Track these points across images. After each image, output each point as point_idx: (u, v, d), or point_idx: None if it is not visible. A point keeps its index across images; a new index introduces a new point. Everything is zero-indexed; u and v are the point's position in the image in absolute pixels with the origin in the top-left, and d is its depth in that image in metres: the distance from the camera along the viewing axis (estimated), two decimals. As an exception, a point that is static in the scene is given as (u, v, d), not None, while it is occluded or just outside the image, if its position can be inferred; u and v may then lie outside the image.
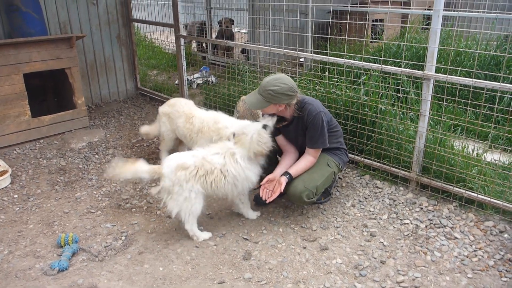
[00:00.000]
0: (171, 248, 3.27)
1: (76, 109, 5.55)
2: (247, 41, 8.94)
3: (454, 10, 8.09)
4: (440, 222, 3.49)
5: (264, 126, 3.36)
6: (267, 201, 3.42)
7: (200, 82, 7.74)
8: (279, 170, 3.54)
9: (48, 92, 6.08)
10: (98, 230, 3.55)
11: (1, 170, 4.42)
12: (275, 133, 3.66)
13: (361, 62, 4.12)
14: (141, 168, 3.26)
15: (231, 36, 9.29)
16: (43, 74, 5.47)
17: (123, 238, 3.44)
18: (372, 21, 8.37)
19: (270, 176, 3.47)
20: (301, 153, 3.66)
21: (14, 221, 3.73)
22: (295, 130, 3.59)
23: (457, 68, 4.08)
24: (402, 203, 3.80)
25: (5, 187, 4.28)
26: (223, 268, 3.04)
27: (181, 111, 4.33)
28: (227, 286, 2.86)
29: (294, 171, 3.46)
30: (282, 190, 3.39)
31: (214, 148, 3.40)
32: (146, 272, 3.00)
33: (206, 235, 3.39)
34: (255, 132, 3.31)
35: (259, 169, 3.46)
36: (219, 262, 3.10)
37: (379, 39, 7.77)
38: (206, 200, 3.37)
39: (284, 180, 3.40)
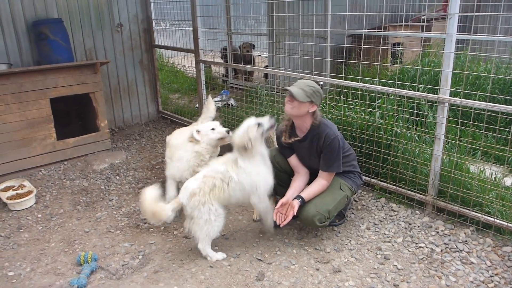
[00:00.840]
0: (186, 268, 3.33)
1: (99, 132, 5.75)
2: (267, 65, 9.11)
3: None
4: (456, 246, 3.46)
5: (258, 124, 3.41)
6: (281, 225, 3.48)
7: (220, 105, 7.89)
8: (291, 192, 3.60)
9: (72, 116, 6.32)
10: (116, 249, 3.65)
11: (27, 190, 4.60)
12: (288, 153, 3.74)
13: (375, 86, 4.18)
14: (168, 210, 3.32)
15: (251, 61, 9.48)
16: (68, 99, 5.70)
17: (140, 257, 3.52)
18: (392, 45, 8.44)
19: (283, 200, 3.53)
20: (312, 173, 3.71)
21: (38, 239, 3.86)
22: (308, 149, 3.63)
23: (474, 92, 4.09)
24: (418, 226, 3.78)
25: (30, 206, 4.44)
26: (236, 288, 3.08)
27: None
28: (239, 307, 2.89)
29: (306, 194, 3.51)
30: (295, 213, 3.43)
31: (217, 161, 3.52)
32: (161, 291, 3.06)
33: (220, 255, 3.44)
34: (245, 127, 3.38)
35: (267, 167, 3.50)
36: (233, 282, 3.14)
37: (398, 63, 7.83)
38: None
39: (296, 203, 3.44)
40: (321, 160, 3.58)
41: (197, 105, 7.33)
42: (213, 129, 3.98)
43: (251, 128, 3.38)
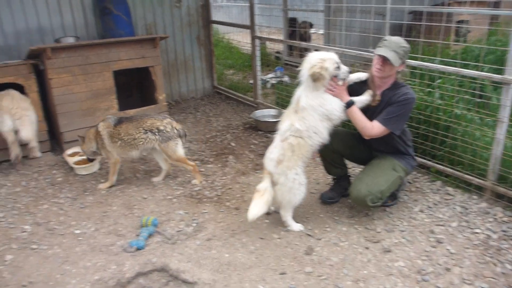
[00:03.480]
0: (237, 238, 3.45)
1: (158, 104, 5.95)
2: (323, 43, 8.98)
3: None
4: (515, 233, 3.34)
5: (337, 66, 3.27)
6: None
7: (274, 82, 7.91)
8: None
9: (133, 88, 6.58)
10: (172, 216, 3.83)
11: (91, 157, 4.89)
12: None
13: (435, 65, 4.03)
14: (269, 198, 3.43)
15: (308, 38, 9.37)
16: (129, 72, 5.93)
17: (194, 225, 3.68)
18: (456, 22, 8.04)
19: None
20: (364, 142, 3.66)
21: (101, 202, 4.13)
22: (377, 106, 3.46)
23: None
24: (475, 212, 3.67)
25: (94, 172, 4.74)
26: (285, 260, 3.16)
27: None
28: (287, 277, 2.97)
29: (356, 107, 3.39)
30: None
31: (281, 120, 3.47)
32: (213, 257, 3.20)
33: (297, 227, 3.52)
34: (323, 57, 3.26)
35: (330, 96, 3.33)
36: (282, 255, 3.22)
37: (463, 41, 7.47)
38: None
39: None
40: (383, 111, 3.39)
41: (251, 81, 7.38)
42: None
43: (330, 61, 3.24)
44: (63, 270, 3.13)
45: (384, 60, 3.26)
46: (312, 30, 10.24)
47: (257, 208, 3.31)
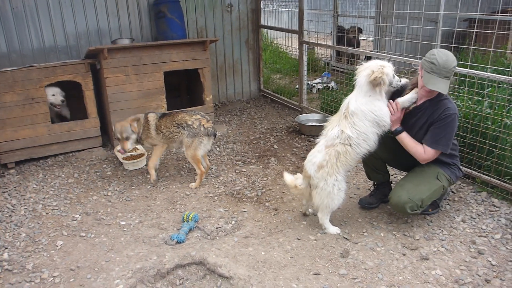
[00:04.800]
0: (274, 237, 3.52)
1: (205, 105, 6.14)
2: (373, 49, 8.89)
3: None
4: None
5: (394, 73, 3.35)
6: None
7: (320, 87, 7.93)
8: None
9: (181, 89, 6.82)
10: (212, 213, 3.96)
11: (139, 153, 5.13)
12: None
13: (485, 73, 3.93)
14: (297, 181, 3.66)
15: (357, 44, 9.31)
16: (179, 73, 6.15)
17: (233, 222, 3.79)
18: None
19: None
20: (403, 160, 3.66)
21: (146, 196, 4.33)
22: (419, 118, 3.45)
23: None
24: (521, 225, 3.55)
25: (141, 167, 4.96)
26: (320, 261, 3.19)
27: None
28: (321, 278, 3.00)
29: (406, 134, 3.45)
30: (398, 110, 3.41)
31: (330, 125, 3.49)
32: (249, 254, 3.29)
33: (334, 230, 3.56)
34: (381, 64, 3.32)
35: (383, 103, 3.36)
36: (317, 256, 3.26)
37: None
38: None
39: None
40: (428, 133, 3.38)
41: (297, 86, 7.44)
42: None
43: (389, 68, 3.32)
44: (108, 258, 3.32)
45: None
46: (362, 36, 10.18)
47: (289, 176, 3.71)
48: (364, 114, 3.31)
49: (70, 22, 5.87)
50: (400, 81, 3.49)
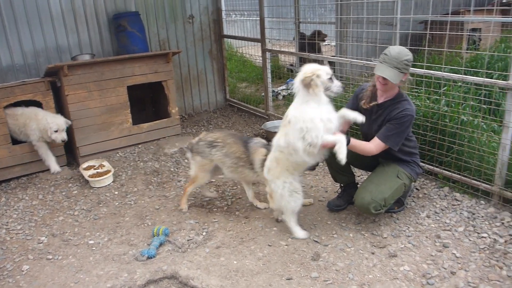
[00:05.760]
0: (246, 245, 3.53)
1: (170, 117, 6.11)
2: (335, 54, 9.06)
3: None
4: (523, 238, 3.33)
5: (330, 77, 3.23)
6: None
7: (286, 94, 8.02)
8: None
9: (146, 102, 6.77)
10: (183, 225, 3.93)
11: (106, 170, 5.05)
12: (352, 108, 3.63)
13: (440, 72, 4.08)
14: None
15: (318, 50, 9.46)
16: (143, 86, 6.11)
17: (204, 233, 3.77)
18: (469, 30, 8.04)
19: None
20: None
21: (114, 213, 4.26)
22: (378, 116, 3.54)
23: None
24: (482, 217, 3.68)
25: (108, 184, 4.88)
26: (292, 266, 3.22)
27: None
28: (294, 283, 3.03)
29: (354, 141, 3.38)
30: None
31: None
32: (221, 264, 3.28)
33: (302, 234, 3.57)
34: (316, 67, 3.23)
35: (326, 113, 3.21)
36: (289, 261, 3.28)
37: (474, 49, 7.47)
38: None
39: (343, 138, 3.22)
40: (383, 127, 3.46)
41: (263, 94, 7.50)
42: None
43: (323, 71, 3.22)
44: (77, 279, 3.25)
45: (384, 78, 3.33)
46: (325, 42, 10.35)
47: None
48: (295, 122, 3.23)
49: (27, 40, 5.73)
50: (342, 87, 3.31)
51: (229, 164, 3.99)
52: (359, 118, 3.40)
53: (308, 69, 3.26)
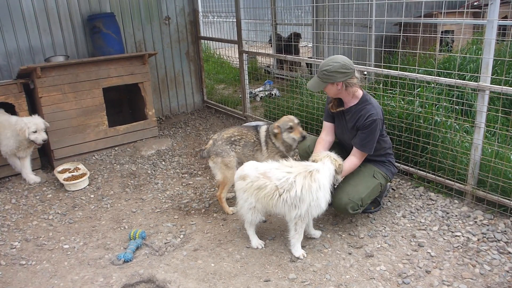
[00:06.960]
0: (224, 248, 3.52)
1: (147, 120, 6.05)
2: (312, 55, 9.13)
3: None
4: (494, 236, 3.41)
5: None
6: None
7: (263, 95, 8.03)
8: (319, 148, 3.72)
9: (123, 104, 6.68)
10: (160, 228, 3.89)
11: (81, 173, 4.96)
12: (329, 119, 3.81)
13: (414, 74, 4.15)
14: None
15: (297, 51, 9.52)
16: (119, 88, 6.03)
17: (181, 236, 3.75)
18: (442, 32, 8.21)
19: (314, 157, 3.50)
20: (344, 149, 3.79)
21: (90, 217, 4.19)
22: (347, 122, 3.65)
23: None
24: (456, 216, 3.76)
25: (84, 188, 4.80)
26: (270, 268, 3.22)
27: None
28: (272, 284, 3.03)
29: (344, 168, 3.49)
30: None
31: (288, 163, 3.40)
32: (199, 267, 3.26)
33: (256, 243, 3.51)
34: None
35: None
36: (267, 262, 3.29)
37: (449, 51, 7.63)
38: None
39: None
40: (356, 137, 3.58)
41: (241, 95, 7.50)
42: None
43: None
44: (51, 284, 3.18)
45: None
46: (302, 44, 10.43)
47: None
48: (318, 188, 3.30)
49: (-2, 41, 5.60)
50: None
51: (248, 154, 4.16)
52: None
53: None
